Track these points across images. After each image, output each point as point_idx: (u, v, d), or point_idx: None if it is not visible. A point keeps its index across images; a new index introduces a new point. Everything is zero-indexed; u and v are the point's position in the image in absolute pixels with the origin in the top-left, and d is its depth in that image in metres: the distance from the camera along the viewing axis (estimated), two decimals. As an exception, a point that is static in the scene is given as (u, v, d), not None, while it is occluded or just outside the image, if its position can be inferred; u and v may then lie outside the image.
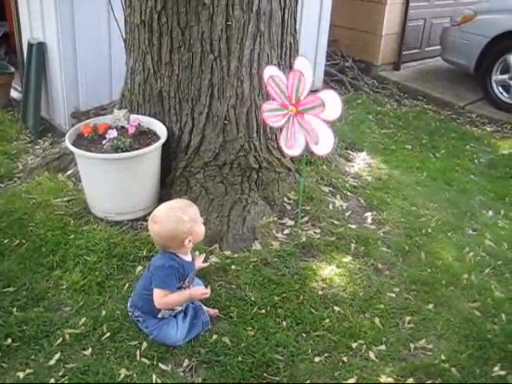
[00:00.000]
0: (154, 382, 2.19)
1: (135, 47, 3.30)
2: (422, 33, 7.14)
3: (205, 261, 2.75)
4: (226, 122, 3.21)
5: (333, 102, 2.64)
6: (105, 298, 2.61)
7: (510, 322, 2.66)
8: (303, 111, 2.71)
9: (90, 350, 2.33)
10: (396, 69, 6.99)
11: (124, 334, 2.41)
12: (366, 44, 6.72)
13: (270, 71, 2.81)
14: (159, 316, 2.37)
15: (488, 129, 5.51)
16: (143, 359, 2.29)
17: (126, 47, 3.47)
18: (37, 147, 4.26)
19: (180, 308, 2.42)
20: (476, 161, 4.67)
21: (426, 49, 7.36)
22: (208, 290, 2.42)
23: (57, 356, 2.29)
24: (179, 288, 2.34)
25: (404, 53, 6.96)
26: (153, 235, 2.34)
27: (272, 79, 2.76)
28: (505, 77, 5.79)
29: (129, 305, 2.45)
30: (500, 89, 5.88)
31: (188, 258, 2.38)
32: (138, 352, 2.32)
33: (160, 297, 2.27)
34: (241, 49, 3.11)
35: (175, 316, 2.41)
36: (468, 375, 2.32)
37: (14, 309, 2.52)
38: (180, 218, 2.28)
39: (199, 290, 2.42)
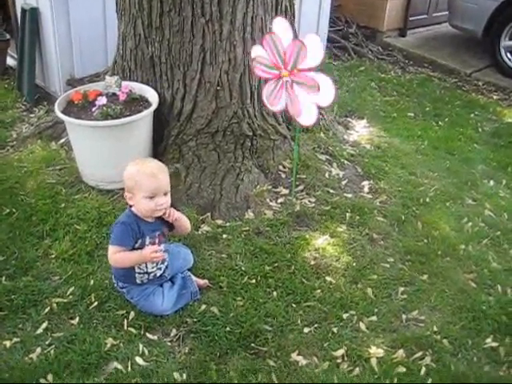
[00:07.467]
0: (140, 351, 2.17)
1: (126, 11, 3.21)
2: (429, -3, 6.92)
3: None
4: (218, 88, 3.12)
5: (325, 87, 2.58)
6: (94, 267, 2.58)
7: (505, 293, 2.62)
8: (296, 83, 2.64)
9: (78, 319, 2.32)
10: (402, 35, 6.79)
11: (112, 304, 2.39)
12: (371, 9, 6.51)
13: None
14: (138, 282, 2.33)
15: (494, 97, 5.36)
16: (130, 328, 2.28)
17: (118, 12, 3.37)
18: (32, 115, 4.20)
19: (159, 271, 2.36)
20: (480, 129, 4.54)
21: (434, 14, 7.10)
22: (156, 247, 2.24)
23: (44, 325, 2.28)
24: (139, 248, 2.26)
25: (411, 18, 6.73)
26: (125, 172, 2.28)
27: (270, 37, 2.68)
28: (513, 43, 5.62)
29: (112, 276, 2.43)
30: (508, 55, 5.68)
31: (150, 219, 2.28)
32: (125, 321, 2.31)
33: (112, 252, 2.23)
34: (233, 12, 3.00)
35: (161, 285, 2.39)
36: (460, 347, 2.30)
37: (3, 278, 2.51)
38: (155, 175, 2.22)
39: (150, 248, 2.24)
